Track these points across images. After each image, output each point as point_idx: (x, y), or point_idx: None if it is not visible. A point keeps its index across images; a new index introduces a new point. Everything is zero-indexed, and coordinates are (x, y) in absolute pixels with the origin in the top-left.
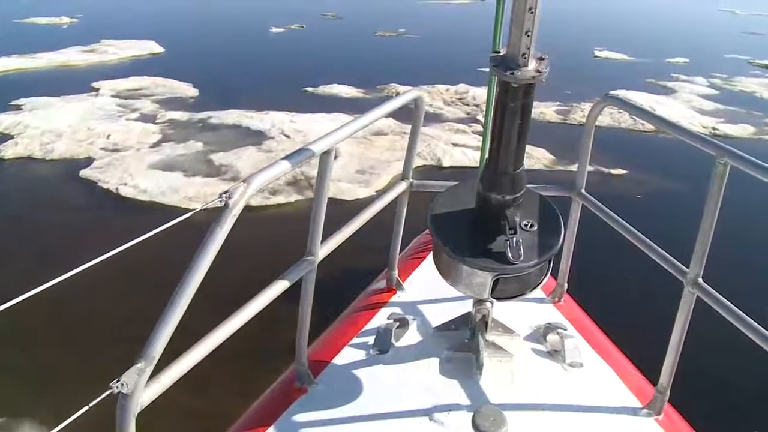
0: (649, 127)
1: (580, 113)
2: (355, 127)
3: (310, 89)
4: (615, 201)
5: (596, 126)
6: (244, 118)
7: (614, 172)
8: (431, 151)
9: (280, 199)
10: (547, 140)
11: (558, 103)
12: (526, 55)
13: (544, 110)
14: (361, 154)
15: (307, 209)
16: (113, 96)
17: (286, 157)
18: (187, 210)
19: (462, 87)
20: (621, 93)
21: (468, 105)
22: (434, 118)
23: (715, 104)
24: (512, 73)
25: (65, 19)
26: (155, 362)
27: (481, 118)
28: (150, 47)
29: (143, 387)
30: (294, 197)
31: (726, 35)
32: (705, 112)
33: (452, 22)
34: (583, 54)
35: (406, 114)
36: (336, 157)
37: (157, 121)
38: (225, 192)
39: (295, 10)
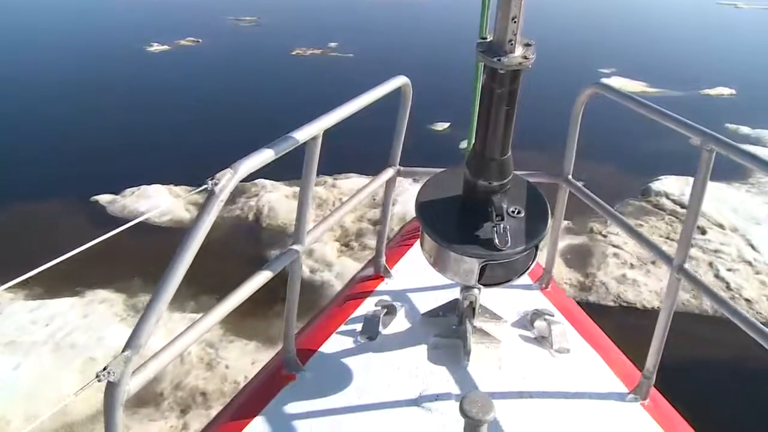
0: None
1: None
2: (340, 114)
3: (105, 199)
4: None
5: None
6: None
7: None
8: None
9: None
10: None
11: (566, 223)
12: (513, 42)
13: None
14: None
15: None
16: None
17: (272, 144)
18: None
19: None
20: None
21: None
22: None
23: None
24: (499, 59)
25: None
26: (141, 351)
27: None
28: None
29: (130, 375)
30: None
31: (746, 39)
32: None
33: (407, 27)
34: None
35: None
36: None
37: None
38: (211, 178)
39: (210, 11)
